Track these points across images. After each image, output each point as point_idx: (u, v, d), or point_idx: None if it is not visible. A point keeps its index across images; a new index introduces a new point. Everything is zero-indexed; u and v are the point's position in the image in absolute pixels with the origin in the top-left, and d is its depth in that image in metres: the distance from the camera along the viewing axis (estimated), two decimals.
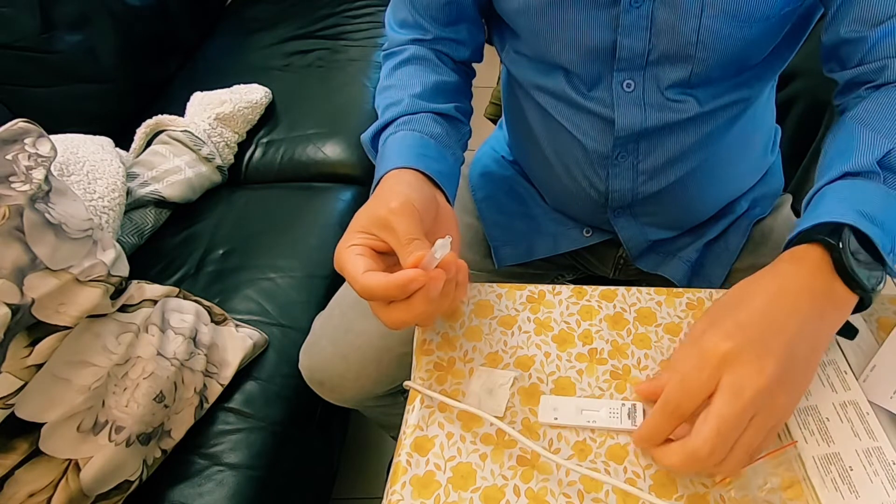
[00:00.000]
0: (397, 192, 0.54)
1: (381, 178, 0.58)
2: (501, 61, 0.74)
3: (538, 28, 0.63)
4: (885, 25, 0.54)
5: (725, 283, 0.76)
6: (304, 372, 0.80)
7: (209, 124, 1.26)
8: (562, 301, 0.60)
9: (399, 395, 0.87)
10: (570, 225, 0.80)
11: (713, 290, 0.61)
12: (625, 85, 0.64)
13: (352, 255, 0.50)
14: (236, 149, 1.31)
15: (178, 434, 0.84)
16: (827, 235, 0.46)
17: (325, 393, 0.80)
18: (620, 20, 0.60)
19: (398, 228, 0.50)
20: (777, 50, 0.64)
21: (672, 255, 0.78)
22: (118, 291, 0.80)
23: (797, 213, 0.83)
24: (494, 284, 0.62)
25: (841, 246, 0.45)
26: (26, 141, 0.78)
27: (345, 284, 0.81)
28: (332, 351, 0.76)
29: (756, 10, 0.57)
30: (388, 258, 0.52)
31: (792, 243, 0.50)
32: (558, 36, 0.63)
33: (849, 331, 0.51)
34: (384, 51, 0.74)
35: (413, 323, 0.50)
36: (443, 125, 0.66)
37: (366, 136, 0.69)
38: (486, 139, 0.92)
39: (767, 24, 0.59)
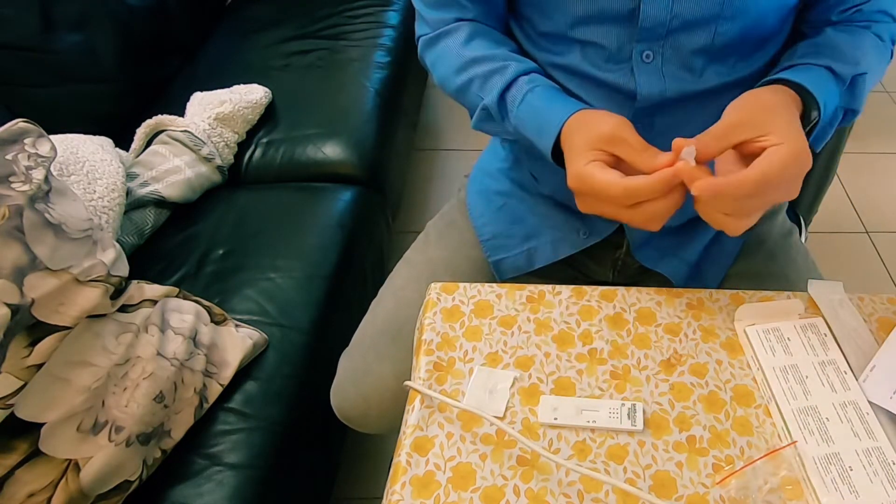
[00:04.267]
0: (603, 115, 0.60)
1: (566, 120, 0.62)
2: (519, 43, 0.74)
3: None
4: None
5: (722, 286, 0.76)
6: (335, 410, 0.83)
7: (209, 124, 1.26)
8: (562, 301, 0.60)
9: None
10: (567, 228, 0.79)
11: (712, 290, 0.61)
12: (644, 56, 0.64)
13: (598, 168, 0.56)
14: (236, 149, 1.31)
15: (178, 434, 0.84)
16: (806, 96, 0.60)
17: (354, 426, 0.84)
18: None
19: (630, 139, 0.57)
20: (788, 18, 0.67)
21: (672, 254, 0.78)
22: (118, 291, 0.80)
23: (791, 219, 0.84)
24: (494, 284, 0.62)
25: (807, 110, 0.61)
26: (26, 141, 0.78)
27: (360, 326, 0.83)
28: (355, 393, 0.79)
29: None
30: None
31: (784, 81, 0.61)
32: (579, 5, 0.63)
33: None
34: (424, 35, 0.75)
35: (667, 217, 0.56)
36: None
37: (492, 101, 0.69)
38: (479, 158, 0.91)
39: None
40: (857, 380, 0.52)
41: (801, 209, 0.98)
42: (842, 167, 1.89)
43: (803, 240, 0.93)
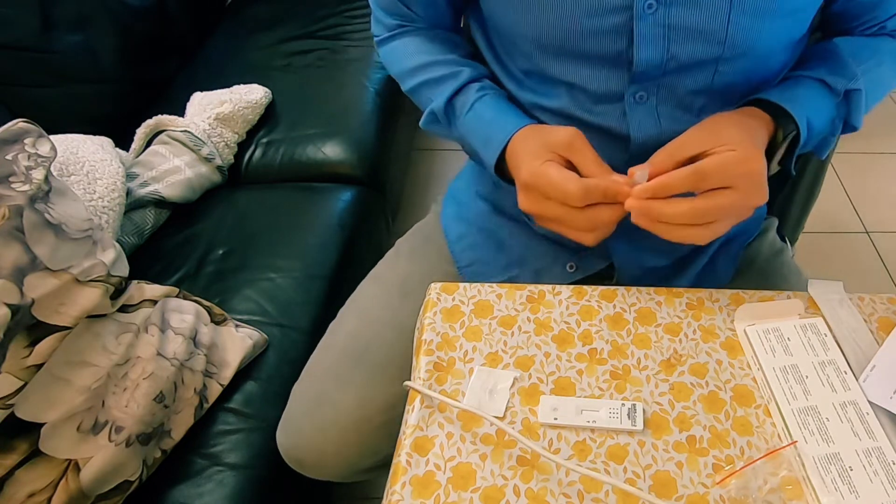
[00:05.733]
0: (556, 126, 0.60)
1: (514, 134, 0.61)
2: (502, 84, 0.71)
3: (545, 42, 0.60)
4: None
5: None
6: (281, 450, 0.75)
7: (209, 124, 1.26)
8: (562, 301, 0.60)
9: (387, 469, 0.83)
10: (552, 259, 0.74)
11: (712, 291, 0.61)
12: (637, 96, 0.60)
13: (554, 166, 0.56)
14: (236, 149, 1.31)
15: (178, 434, 0.84)
16: (781, 118, 0.59)
17: (307, 471, 0.75)
18: (634, 28, 0.56)
19: (586, 149, 0.56)
20: (797, 49, 0.65)
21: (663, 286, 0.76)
22: (118, 291, 0.80)
23: (782, 238, 0.83)
24: (494, 284, 0.62)
25: (779, 136, 0.60)
26: (26, 141, 0.78)
27: (316, 351, 0.77)
28: (310, 426, 0.71)
29: (784, 2, 0.55)
30: None
31: (759, 102, 0.60)
32: (567, 50, 0.59)
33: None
34: (378, 36, 0.75)
35: (612, 225, 0.57)
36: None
37: (438, 105, 0.67)
38: (455, 178, 0.87)
39: (795, 19, 0.59)
40: (857, 380, 0.52)
41: (786, 228, 0.96)
42: (842, 167, 1.90)
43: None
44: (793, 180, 1.09)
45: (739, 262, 0.76)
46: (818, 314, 0.58)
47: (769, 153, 0.59)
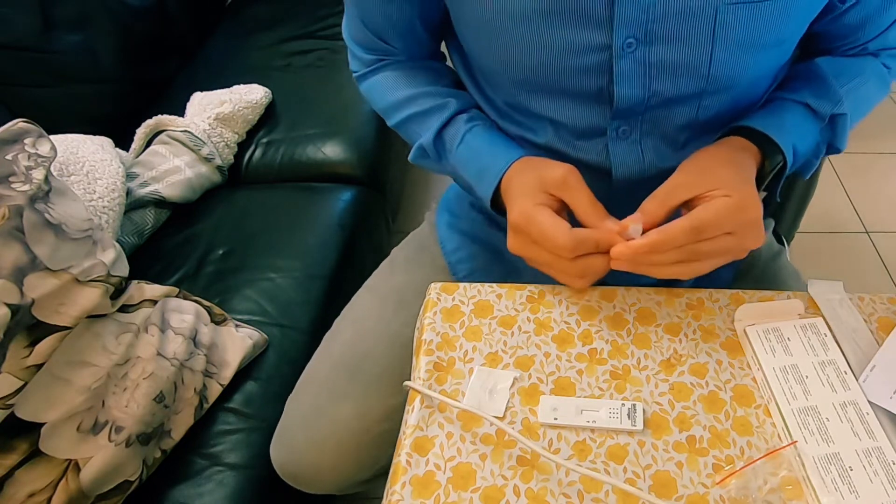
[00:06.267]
0: (551, 161, 0.57)
1: (509, 166, 0.59)
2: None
3: (524, 79, 0.58)
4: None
5: None
6: (275, 465, 0.73)
7: (209, 124, 1.26)
8: (562, 301, 0.60)
9: (383, 479, 0.83)
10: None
11: (712, 291, 0.61)
12: (620, 131, 0.59)
13: (547, 212, 0.54)
14: (236, 149, 1.31)
15: (178, 434, 0.84)
16: (767, 146, 0.58)
17: (302, 485, 0.73)
18: (614, 66, 0.55)
19: (580, 188, 0.55)
20: (779, 76, 0.63)
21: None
22: (118, 291, 0.80)
23: (777, 238, 0.83)
24: (494, 284, 0.62)
25: (766, 166, 0.59)
26: (26, 141, 0.78)
27: (310, 364, 0.76)
28: (305, 440, 0.70)
29: (768, 35, 0.53)
30: None
31: (743, 129, 0.59)
32: (547, 86, 0.58)
33: None
34: (357, 72, 0.72)
35: (603, 273, 0.55)
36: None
37: (427, 140, 0.65)
38: (448, 189, 0.85)
39: (779, 50, 0.57)
40: (857, 380, 0.52)
41: (781, 229, 0.96)
42: (842, 167, 1.90)
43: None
44: (788, 180, 1.09)
45: (740, 266, 0.75)
46: (818, 314, 0.58)
47: (756, 181, 0.58)
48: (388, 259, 0.83)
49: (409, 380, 0.56)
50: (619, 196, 0.59)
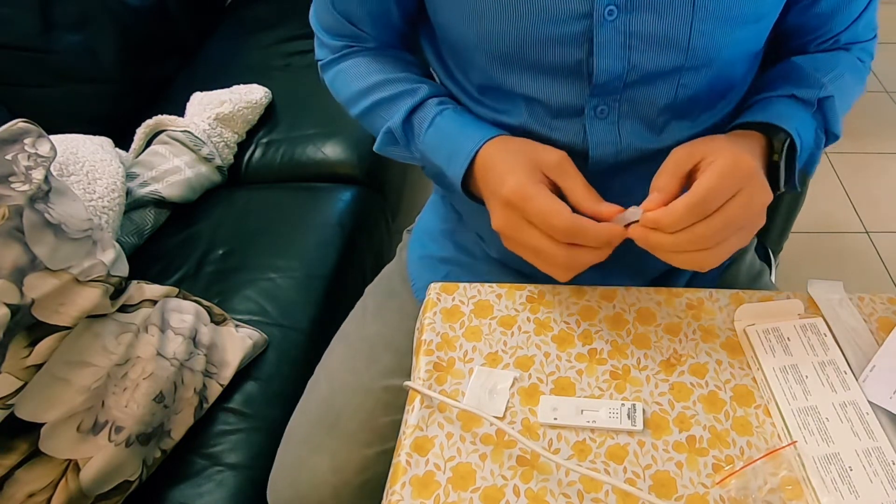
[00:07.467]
0: (541, 145, 0.56)
1: (482, 145, 0.58)
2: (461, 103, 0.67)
3: (501, 52, 0.57)
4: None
5: None
6: None
7: (209, 124, 1.26)
8: (562, 301, 0.60)
9: None
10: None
11: (712, 291, 0.61)
12: (598, 111, 0.58)
13: (545, 191, 0.52)
14: (236, 149, 1.31)
15: (177, 434, 0.84)
16: (772, 132, 0.58)
17: None
18: (594, 36, 0.53)
19: (574, 173, 0.54)
20: (755, 63, 0.63)
21: None
22: (118, 291, 0.80)
23: (760, 257, 0.81)
24: (494, 284, 0.62)
25: (776, 146, 0.58)
26: (26, 141, 0.78)
27: (293, 415, 0.76)
28: (289, 490, 0.72)
29: (747, 8, 0.53)
30: None
31: (749, 125, 0.59)
32: (524, 60, 0.56)
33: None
34: (322, 60, 0.70)
35: (583, 269, 0.53)
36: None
37: (396, 123, 0.63)
38: (419, 217, 0.84)
39: (757, 27, 0.57)
40: (857, 380, 0.52)
41: (769, 241, 0.94)
42: (841, 167, 1.90)
43: (773, 278, 0.88)
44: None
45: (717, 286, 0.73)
46: (818, 314, 0.58)
47: (772, 176, 0.57)
48: (361, 302, 0.82)
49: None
50: (594, 180, 0.56)
